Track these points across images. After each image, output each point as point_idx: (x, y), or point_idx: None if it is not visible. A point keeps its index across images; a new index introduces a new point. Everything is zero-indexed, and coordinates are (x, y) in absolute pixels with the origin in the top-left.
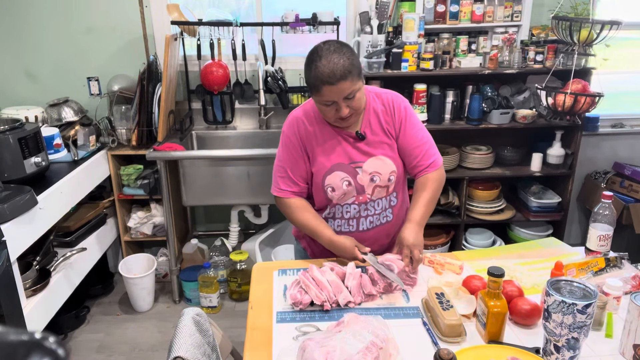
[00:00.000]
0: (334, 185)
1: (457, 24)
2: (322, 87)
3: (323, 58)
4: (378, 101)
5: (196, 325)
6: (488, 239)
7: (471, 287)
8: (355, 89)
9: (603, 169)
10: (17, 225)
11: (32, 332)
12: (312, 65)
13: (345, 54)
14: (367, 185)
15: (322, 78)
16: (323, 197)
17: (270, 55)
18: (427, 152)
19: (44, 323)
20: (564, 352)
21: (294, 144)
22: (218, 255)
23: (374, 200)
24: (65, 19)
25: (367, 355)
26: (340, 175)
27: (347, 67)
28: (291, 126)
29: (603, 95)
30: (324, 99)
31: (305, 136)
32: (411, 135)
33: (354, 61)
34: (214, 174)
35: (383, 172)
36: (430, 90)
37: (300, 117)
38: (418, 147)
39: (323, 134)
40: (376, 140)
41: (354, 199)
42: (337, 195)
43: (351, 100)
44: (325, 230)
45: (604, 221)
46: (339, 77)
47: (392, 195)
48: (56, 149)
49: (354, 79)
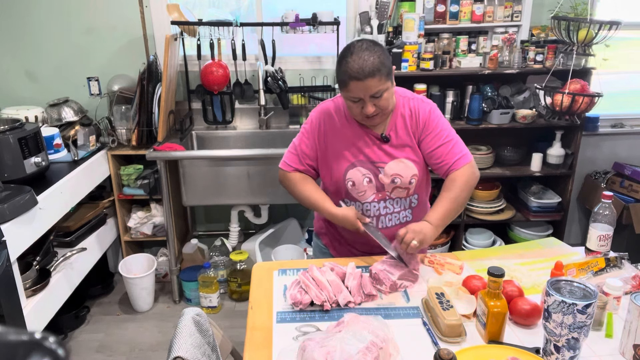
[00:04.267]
0: (355, 180)
1: (457, 24)
2: (350, 83)
3: (354, 54)
4: (407, 106)
5: (196, 325)
6: (488, 239)
7: (471, 287)
8: (383, 88)
9: (603, 169)
10: (17, 225)
11: (32, 332)
12: (343, 60)
13: (377, 52)
14: (387, 185)
15: (351, 73)
16: (344, 190)
17: (270, 55)
18: (452, 150)
19: (44, 323)
20: (564, 352)
21: (314, 130)
22: (218, 255)
23: (393, 198)
24: (65, 19)
25: (367, 355)
26: (362, 171)
27: (377, 65)
28: (319, 115)
29: (601, 95)
30: (351, 94)
31: (330, 128)
32: (435, 134)
33: (385, 61)
34: (214, 174)
35: (405, 175)
36: (430, 90)
37: (331, 109)
38: (443, 145)
39: (349, 131)
40: (400, 143)
41: (374, 196)
42: (357, 190)
43: (378, 99)
44: (326, 202)
45: (604, 221)
46: (367, 74)
47: (413, 197)
48: (56, 149)
49: (382, 77)
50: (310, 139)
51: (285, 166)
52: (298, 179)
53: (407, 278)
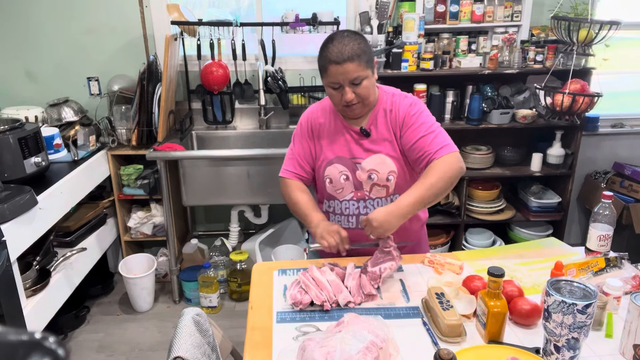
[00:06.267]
0: (332, 177)
1: (457, 24)
2: (329, 67)
3: (335, 40)
4: (389, 101)
5: (196, 325)
6: (488, 239)
7: (471, 287)
8: (362, 75)
9: (603, 169)
10: (17, 225)
11: (32, 332)
12: (324, 47)
13: (357, 40)
14: (365, 182)
15: (330, 57)
16: (323, 187)
17: (270, 55)
18: (433, 141)
19: (44, 323)
20: (564, 352)
21: (304, 131)
22: (218, 255)
23: (373, 198)
24: (65, 19)
25: (367, 355)
26: (339, 168)
27: (356, 51)
28: (306, 115)
29: (601, 95)
30: (330, 80)
31: (316, 126)
32: (416, 127)
33: (365, 49)
34: (214, 174)
35: (381, 171)
36: (430, 90)
37: (316, 109)
38: (424, 137)
39: (332, 126)
40: (379, 138)
41: (352, 194)
42: (335, 187)
43: (357, 86)
44: (314, 213)
45: (604, 221)
46: (346, 58)
47: (394, 197)
48: (56, 149)
49: (361, 64)
50: (303, 141)
51: (285, 173)
52: (295, 186)
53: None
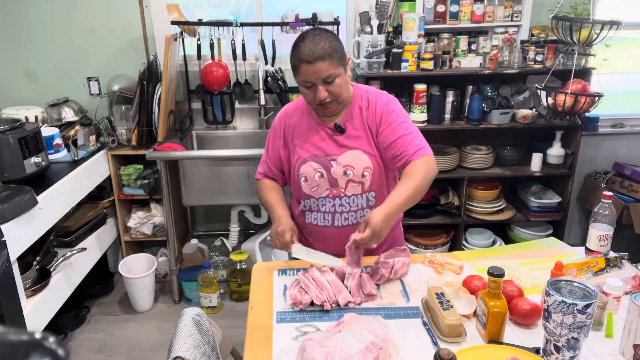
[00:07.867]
0: (307, 175)
1: (457, 24)
2: (301, 66)
3: (306, 39)
4: (364, 98)
5: (196, 325)
6: (488, 239)
7: (471, 287)
8: (335, 73)
9: (603, 169)
10: (17, 225)
11: (32, 332)
12: (296, 46)
13: (328, 38)
14: (340, 178)
15: (301, 57)
16: (298, 187)
17: (270, 55)
18: (412, 142)
19: (44, 323)
20: (564, 352)
21: (276, 134)
22: (218, 255)
23: (349, 195)
24: (65, 19)
25: (367, 355)
26: (314, 165)
27: (327, 49)
28: (278, 117)
29: (603, 95)
30: (302, 78)
31: (288, 127)
32: (394, 126)
33: (337, 47)
34: (214, 174)
35: (356, 167)
36: (430, 90)
37: (289, 110)
38: (402, 137)
39: (305, 125)
40: (355, 134)
41: (328, 192)
42: (310, 186)
43: (330, 84)
44: (279, 209)
45: (604, 221)
46: (317, 57)
47: (370, 194)
48: (56, 149)
49: (333, 62)
50: (275, 143)
51: (257, 175)
52: (266, 185)
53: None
